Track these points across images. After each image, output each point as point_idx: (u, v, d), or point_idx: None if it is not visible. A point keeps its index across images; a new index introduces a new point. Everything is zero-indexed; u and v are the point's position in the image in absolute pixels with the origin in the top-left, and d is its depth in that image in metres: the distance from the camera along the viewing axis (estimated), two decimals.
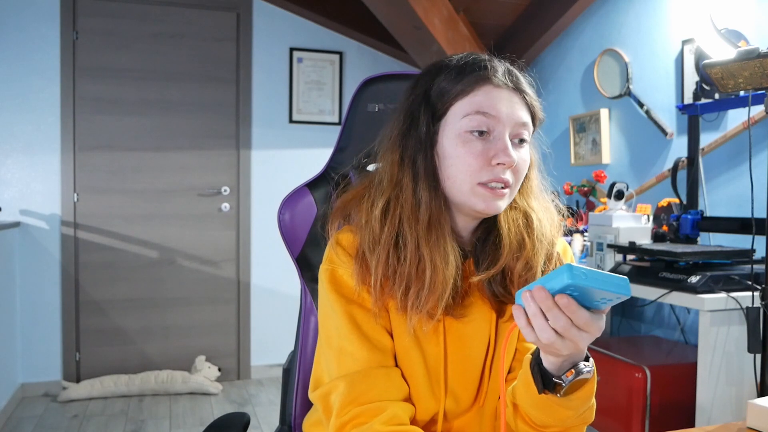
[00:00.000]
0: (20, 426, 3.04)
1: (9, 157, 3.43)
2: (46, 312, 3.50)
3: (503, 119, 0.86)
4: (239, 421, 1.08)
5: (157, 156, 3.67)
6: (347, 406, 0.83)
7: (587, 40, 3.13)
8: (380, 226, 0.87)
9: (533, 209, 0.93)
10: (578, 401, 0.78)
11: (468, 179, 0.85)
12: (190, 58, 3.69)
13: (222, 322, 3.81)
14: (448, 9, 3.19)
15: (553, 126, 3.38)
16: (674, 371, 2.06)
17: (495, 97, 0.86)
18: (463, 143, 0.86)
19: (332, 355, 0.87)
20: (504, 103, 0.86)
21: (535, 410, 0.81)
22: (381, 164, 0.92)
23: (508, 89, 0.88)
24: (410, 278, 0.84)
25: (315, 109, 3.93)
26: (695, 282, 1.80)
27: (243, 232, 3.81)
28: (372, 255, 0.86)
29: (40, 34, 3.45)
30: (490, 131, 0.86)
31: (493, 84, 0.87)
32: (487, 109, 0.85)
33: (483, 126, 0.85)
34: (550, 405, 0.79)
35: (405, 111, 0.91)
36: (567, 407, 0.79)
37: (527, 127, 0.88)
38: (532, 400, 0.80)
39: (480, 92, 0.86)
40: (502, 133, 0.86)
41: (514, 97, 0.88)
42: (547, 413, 0.80)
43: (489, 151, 0.85)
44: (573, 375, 0.75)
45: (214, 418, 1.22)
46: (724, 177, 2.36)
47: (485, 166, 0.85)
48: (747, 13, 2.28)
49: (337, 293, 0.88)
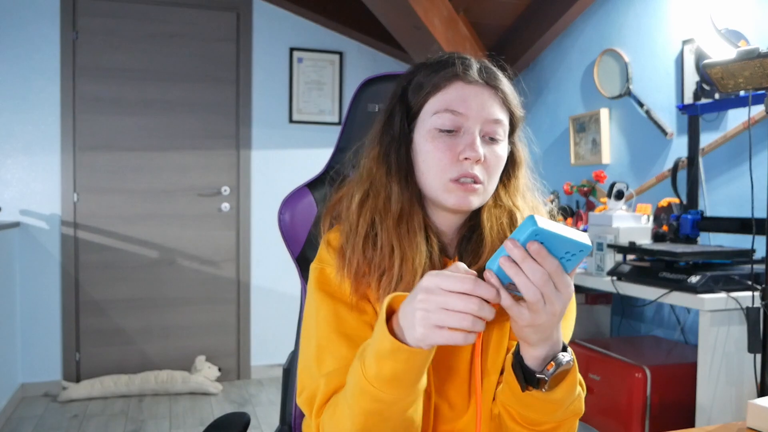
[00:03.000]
0: (20, 426, 3.04)
1: (9, 157, 3.43)
2: (46, 312, 3.50)
3: (472, 116, 0.86)
4: (239, 421, 1.08)
5: (157, 156, 3.67)
6: (325, 404, 0.83)
7: (587, 40, 3.13)
8: (356, 217, 0.89)
9: (518, 208, 0.93)
10: (563, 393, 0.78)
11: (439, 175, 0.87)
12: (190, 58, 3.69)
13: (222, 322, 3.81)
14: (448, 9, 3.19)
15: (553, 126, 3.38)
16: (674, 371, 2.06)
17: (465, 94, 0.87)
18: (432, 139, 0.87)
19: (313, 354, 0.86)
20: (475, 99, 0.87)
21: (523, 408, 0.81)
22: (363, 160, 0.95)
23: (481, 86, 0.88)
24: (382, 267, 0.86)
25: (315, 109, 3.93)
26: (695, 282, 1.80)
27: (243, 232, 3.81)
28: (348, 245, 0.88)
29: (40, 34, 3.45)
30: (458, 128, 0.87)
31: (465, 81, 0.87)
32: (455, 107, 0.86)
33: (451, 123, 0.86)
34: (536, 401, 0.79)
35: (385, 109, 0.94)
36: (552, 401, 0.79)
37: (500, 124, 0.88)
38: (517, 399, 0.80)
39: (451, 89, 0.87)
40: (471, 129, 0.86)
41: (487, 94, 0.88)
42: (534, 410, 0.81)
43: (457, 146, 0.86)
44: (554, 367, 0.75)
45: (214, 418, 1.22)
46: (724, 177, 2.36)
47: (454, 162, 0.86)
48: (747, 13, 2.28)
49: (323, 291, 0.88)
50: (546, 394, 0.77)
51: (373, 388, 0.73)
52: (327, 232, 0.95)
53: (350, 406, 0.77)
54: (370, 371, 0.73)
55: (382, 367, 0.72)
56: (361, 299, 0.88)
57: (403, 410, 0.76)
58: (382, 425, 0.77)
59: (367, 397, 0.74)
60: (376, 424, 0.76)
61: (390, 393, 0.73)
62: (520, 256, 0.67)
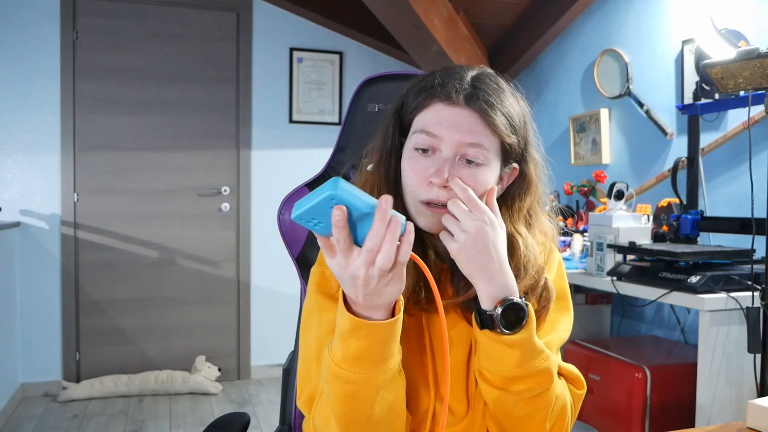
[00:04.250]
0: (20, 426, 3.04)
1: (9, 157, 3.43)
2: (46, 312, 3.50)
3: (446, 138, 0.83)
4: (239, 421, 1.08)
5: (157, 156, 3.67)
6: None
7: (587, 40, 3.13)
8: None
9: (521, 234, 0.90)
10: (521, 338, 0.81)
11: (411, 195, 0.86)
12: (190, 58, 3.69)
13: (222, 322, 3.81)
14: (448, 9, 3.19)
15: (553, 126, 3.38)
16: (674, 371, 2.06)
17: (444, 116, 0.84)
18: (410, 158, 0.86)
19: (312, 356, 0.86)
20: (452, 122, 0.83)
21: (489, 362, 0.83)
22: (361, 169, 0.96)
23: (463, 107, 0.84)
24: None
25: (315, 109, 3.93)
26: (695, 282, 1.80)
27: (243, 232, 3.81)
28: None
29: (40, 34, 3.45)
30: (434, 149, 0.84)
31: (445, 102, 0.84)
32: (430, 128, 0.84)
33: (425, 144, 0.84)
34: (497, 346, 0.81)
35: (384, 121, 0.94)
36: (512, 345, 0.81)
37: (480, 148, 0.83)
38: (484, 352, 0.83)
39: (430, 110, 0.86)
40: (444, 152, 0.84)
41: (469, 116, 0.84)
42: (497, 359, 0.82)
43: (428, 169, 0.84)
44: (501, 304, 0.80)
45: (214, 418, 1.22)
46: (724, 177, 2.36)
47: (423, 185, 0.84)
48: (747, 13, 2.28)
49: (323, 294, 0.88)
50: (504, 337, 0.80)
51: (342, 370, 0.75)
52: None
53: (327, 394, 0.78)
54: (337, 354, 0.75)
55: (347, 347, 0.74)
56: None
57: (377, 390, 0.77)
58: (360, 408, 0.77)
59: (339, 381, 0.75)
60: (353, 408, 0.77)
61: (359, 372, 0.75)
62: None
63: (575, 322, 1.00)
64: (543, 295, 0.90)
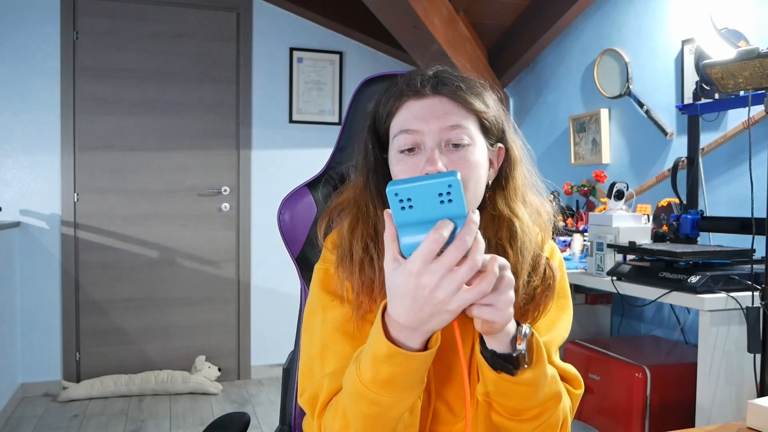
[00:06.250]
0: (20, 426, 3.04)
1: (9, 157, 3.43)
2: (46, 312, 3.50)
3: (426, 130, 0.84)
4: (239, 421, 1.08)
5: (157, 156, 3.67)
6: (328, 403, 0.83)
7: (587, 40, 3.13)
8: (349, 241, 0.89)
9: (518, 216, 0.90)
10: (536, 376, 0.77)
11: None
12: (190, 58, 3.69)
13: (222, 322, 3.81)
14: (448, 9, 3.19)
15: (553, 126, 3.38)
16: (674, 371, 2.06)
17: (417, 110, 0.85)
18: (397, 162, 0.87)
19: (316, 354, 0.86)
20: (426, 112, 0.85)
21: (502, 398, 0.80)
22: (353, 180, 0.96)
23: (432, 96, 0.86)
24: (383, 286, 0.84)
25: (315, 109, 3.93)
26: (695, 282, 1.80)
27: (243, 232, 3.81)
28: (344, 266, 0.88)
29: (40, 34, 3.45)
30: (419, 145, 0.85)
31: (414, 97, 0.86)
32: (408, 125, 0.85)
33: (409, 143, 0.85)
34: (513, 387, 0.78)
35: (360, 140, 0.94)
36: (527, 384, 0.77)
37: (461, 128, 0.84)
38: (498, 389, 0.79)
39: (402, 110, 0.87)
40: (427, 143, 0.85)
41: (440, 102, 0.85)
42: (514, 397, 0.79)
43: (419, 164, 0.84)
44: (523, 339, 0.75)
45: (214, 418, 1.22)
46: (724, 177, 2.36)
47: None
48: (747, 13, 2.28)
49: (327, 291, 0.89)
50: (520, 377, 0.76)
51: (370, 392, 0.73)
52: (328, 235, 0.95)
53: (349, 410, 0.76)
54: (366, 375, 0.73)
55: (379, 370, 0.72)
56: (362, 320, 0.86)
57: (401, 413, 0.76)
58: (382, 429, 0.76)
59: (365, 402, 0.74)
60: (375, 427, 0.76)
61: (387, 396, 0.73)
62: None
63: (575, 322, 1.00)
64: (546, 273, 0.89)
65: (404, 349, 0.70)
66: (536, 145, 3.48)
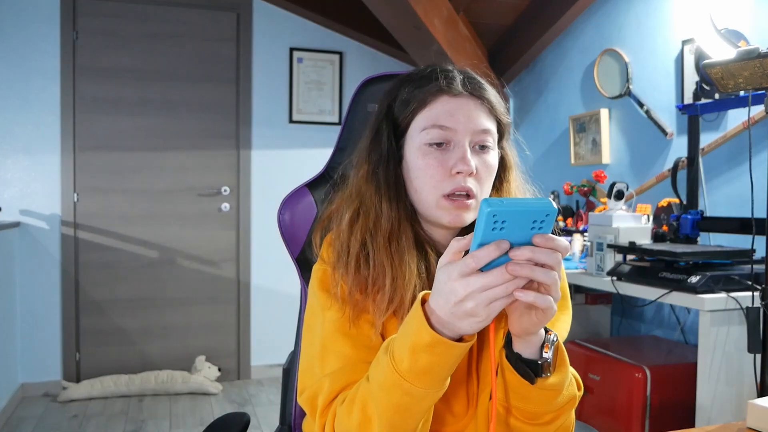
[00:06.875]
0: (20, 426, 3.04)
1: (9, 157, 3.43)
2: (46, 312, 3.50)
3: (461, 129, 0.86)
4: (239, 421, 1.08)
5: (157, 156, 3.67)
6: (331, 403, 0.83)
7: (587, 40, 3.13)
8: (347, 236, 0.89)
9: None
10: (561, 375, 0.79)
11: (432, 191, 0.87)
12: (190, 58, 3.69)
13: (222, 322, 3.81)
14: (448, 9, 3.19)
15: (553, 126, 3.38)
16: (674, 371, 2.06)
17: (452, 108, 0.87)
18: (423, 156, 0.87)
19: (316, 354, 0.86)
20: (461, 112, 0.87)
21: (524, 402, 0.81)
22: (352, 176, 0.95)
23: (467, 97, 0.88)
24: (377, 285, 0.86)
25: (315, 109, 3.93)
26: (695, 282, 1.80)
27: (243, 232, 3.81)
28: (340, 263, 0.88)
29: (40, 34, 3.45)
30: (448, 142, 0.87)
31: (450, 94, 0.88)
32: (443, 122, 0.86)
33: (440, 138, 0.86)
34: (538, 392, 0.79)
35: (371, 125, 0.94)
36: (552, 389, 0.79)
37: (489, 133, 0.88)
38: (518, 394, 0.80)
39: (437, 104, 0.88)
40: (460, 142, 0.86)
41: (473, 104, 0.88)
42: (537, 401, 0.80)
43: (448, 161, 0.86)
44: (550, 347, 0.77)
45: (214, 418, 1.22)
46: (724, 177, 2.36)
47: (446, 177, 0.86)
48: (747, 13, 2.28)
49: (327, 291, 0.88)
50: (547, 382, 0.78)
51: (405, 382, 0.73)
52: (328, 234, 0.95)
53: (377, 402, 0.76)
54: (402, 365, 0.73)
55: (417, 359, 0.72)
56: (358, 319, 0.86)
57: (430, 406, 0.77)
58: (410, 421, 0.77)
59: (398, 392, 0.74)
60: (404, 419, 0.76)
61: (421, 387, 0.73)
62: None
63: (575, 322, 1.00)
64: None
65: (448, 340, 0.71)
66: (536, 145, 3.48)
